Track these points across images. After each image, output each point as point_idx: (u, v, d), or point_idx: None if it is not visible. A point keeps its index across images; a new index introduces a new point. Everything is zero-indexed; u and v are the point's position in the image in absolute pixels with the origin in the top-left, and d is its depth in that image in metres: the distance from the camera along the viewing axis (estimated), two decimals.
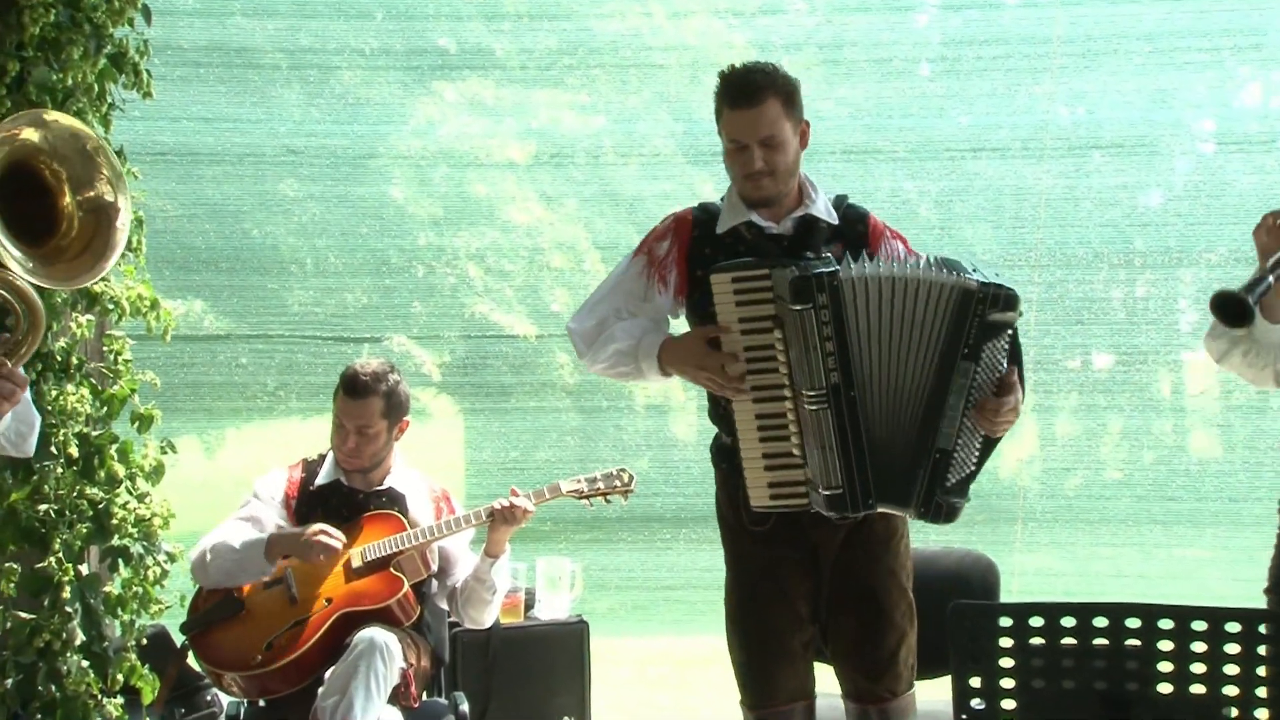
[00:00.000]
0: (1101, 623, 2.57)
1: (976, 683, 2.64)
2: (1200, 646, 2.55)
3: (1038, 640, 2.60)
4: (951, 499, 3.34)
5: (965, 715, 2.63)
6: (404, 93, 5.94)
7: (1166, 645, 2.55)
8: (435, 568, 4.23)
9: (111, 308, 4.30)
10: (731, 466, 3.50)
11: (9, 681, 4.09)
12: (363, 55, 5.85)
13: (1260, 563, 3.56)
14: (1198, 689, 2.56)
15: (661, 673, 6.58)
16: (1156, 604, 2.57)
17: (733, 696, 3.65)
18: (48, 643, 4.10)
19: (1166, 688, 2.57)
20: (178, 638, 4.28)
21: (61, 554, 4.13)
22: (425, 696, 4.14)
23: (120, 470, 4.28)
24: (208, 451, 5.91)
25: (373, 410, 4.17)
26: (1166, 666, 2.56)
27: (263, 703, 4.09)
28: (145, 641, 4.32)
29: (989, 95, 5.89)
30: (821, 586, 3.56)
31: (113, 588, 4.30)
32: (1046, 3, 5.80)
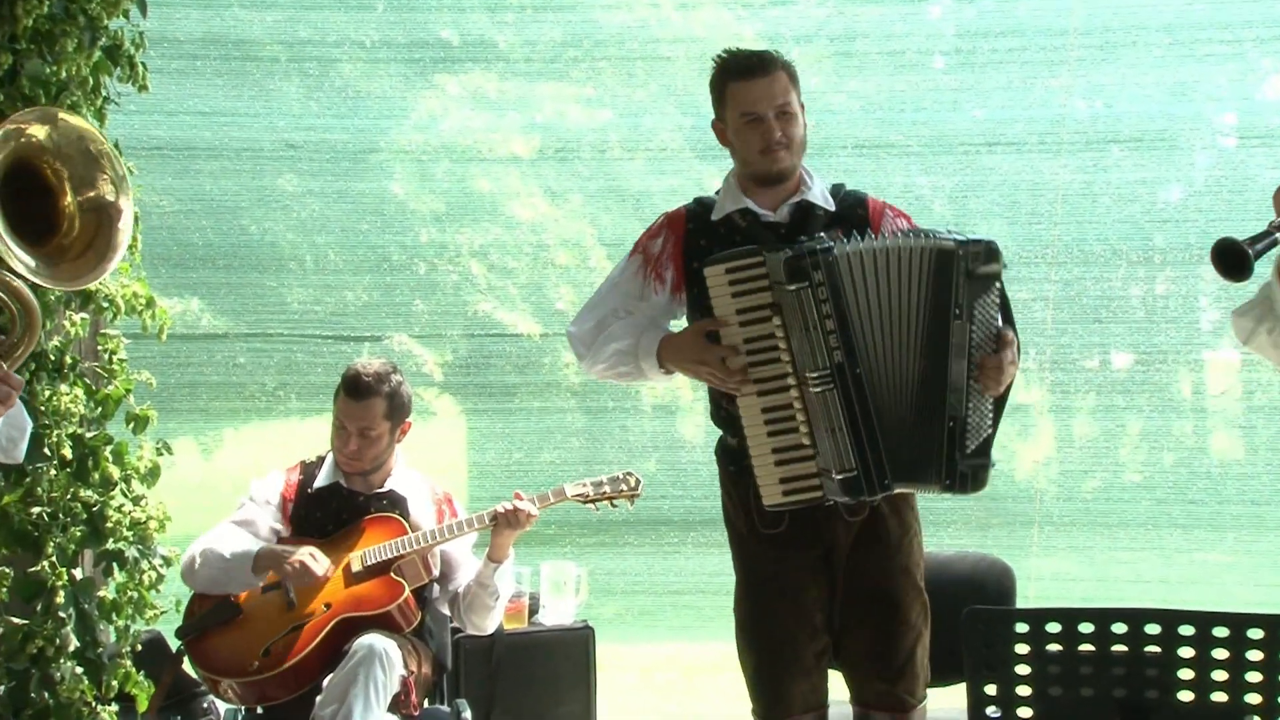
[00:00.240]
0: (1120, 629, 2.57)
1: (992, 690, 2.64)
2: (1222, 653, 2.54)
3: (1055, 647, 2.59)
4: (975, 464, 3.33)
5: None
6: (405, 86, 5.92)
7: (1187, 652, 2.55)
8: (437, 572, 4.21)
9: (106, 306, 4.28)
10: (739, 468, 3.47)
11: (1, 688, 4.06)
12: (363, 47, 5.84)
13: None
14: (1219, 697, 2.56)
15: (669, 679, 6.55)
16: (1177, 609, 2.57)
17: (743, 704, 3.62)
18: (41, 649, 4.07)
19: (1187, 695, 2.57)
20: (173, 643, 4.28)
21: (55, 558, 4.10)
22: (427, 703, 4.13)
23: (115, 472, 4.25)
24: (205, 453, 5.89)
25: (375, 412, 4.14)
26: (1187, 674, 2.56)
27: (260, 710, 4.08)
28: (140, 647, 4.30)
29: (1004, 88, 5.87)
30: (835, 590, 3.51)
31: (107, 592, 4.27)
32: None
